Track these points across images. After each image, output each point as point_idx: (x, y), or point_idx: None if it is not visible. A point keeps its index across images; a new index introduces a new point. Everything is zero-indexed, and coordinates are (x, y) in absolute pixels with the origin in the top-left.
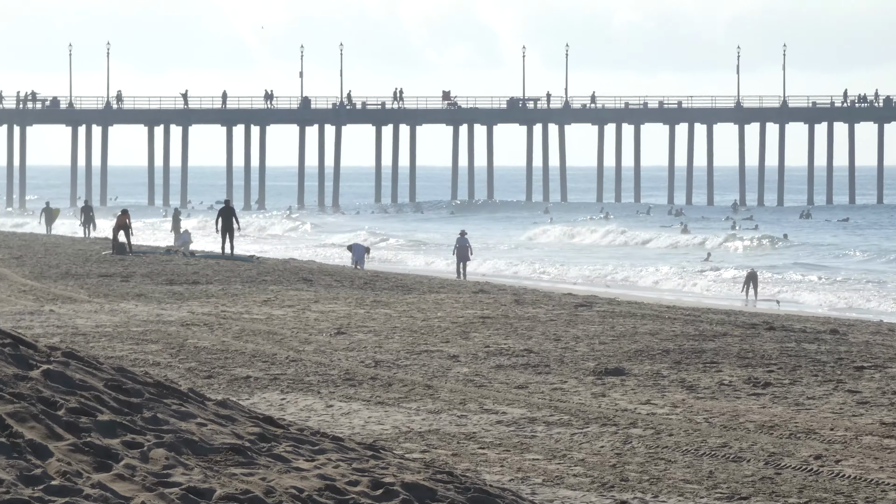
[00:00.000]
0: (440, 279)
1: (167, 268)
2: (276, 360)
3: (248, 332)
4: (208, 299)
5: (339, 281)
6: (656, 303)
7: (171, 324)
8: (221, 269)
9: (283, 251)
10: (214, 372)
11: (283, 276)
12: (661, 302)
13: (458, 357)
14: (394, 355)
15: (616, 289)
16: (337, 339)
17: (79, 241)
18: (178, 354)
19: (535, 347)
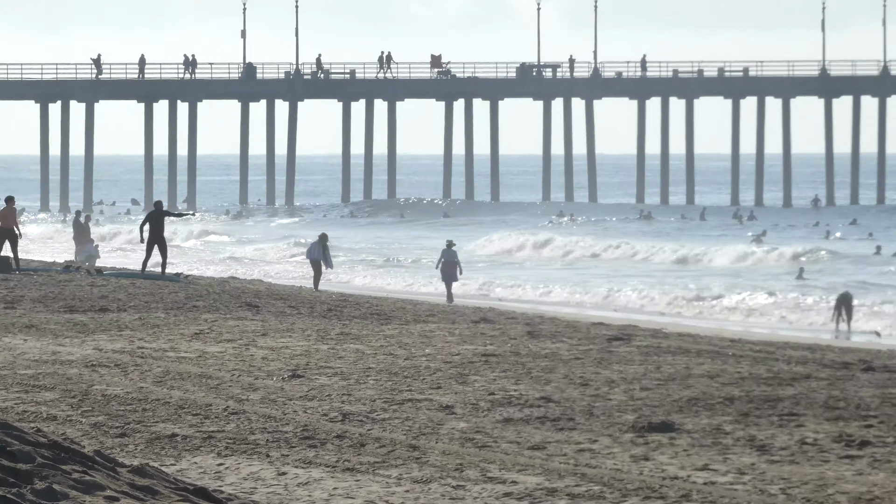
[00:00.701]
0: (428, 304)
1: (66, 290)
2: (212, 412)
3: (174, 376)
4: (121, 332)
5: (295, 307)
6: (716, 334)
7: (72, 364)
8: (138, 291)
9: (222, 269)
10: (129, 429)
11: (221, 300)
12: (721, 333)
13: (452, 408)
14: (367, 406)
15: (662, 317)
16: (292, 384)
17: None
18: (80, 405)
19: (555, 395)
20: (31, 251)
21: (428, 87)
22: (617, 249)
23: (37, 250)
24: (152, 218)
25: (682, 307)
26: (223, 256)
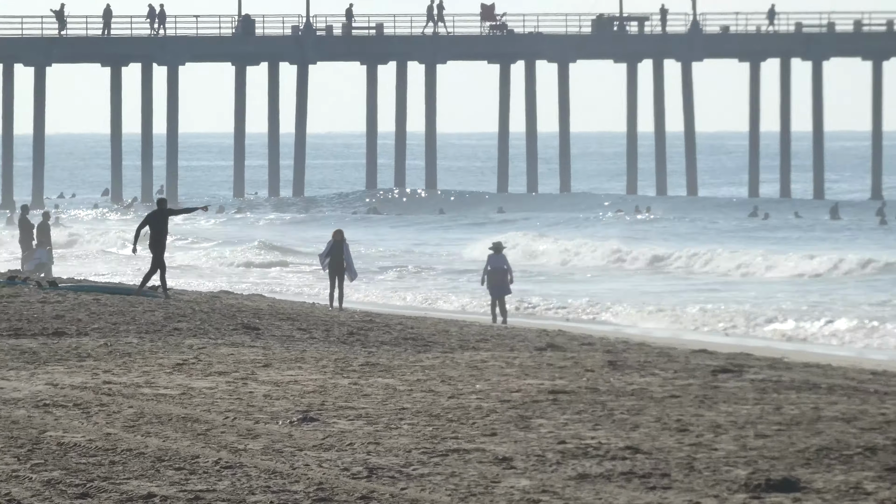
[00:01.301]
0: (479, 326)
1: (10, 308)
2: (199, 466)
3: (151, 419)
4: (81, 362)
5: (307, 330)
6: (853, 365)
7: (18, 404)
8: (103, 310)
9: (212, 280)
10: (93, 487)
11: (210, 321)
12: (860, 364)
13: (511, 461)
14: (401, 458)
15: (784, 342)
16: (303, 429)
17: None
18: (29, 457)
19: (644, 444)
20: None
21: (477, 45)
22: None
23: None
24: (154, 220)
25: (809, 331)
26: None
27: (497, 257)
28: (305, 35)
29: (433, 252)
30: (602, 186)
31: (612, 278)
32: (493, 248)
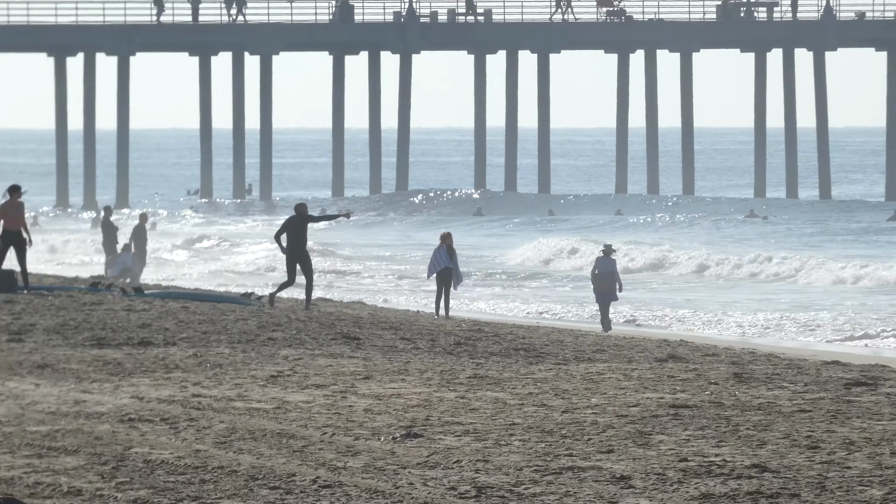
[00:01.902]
0: (595, 336)
1: (93, 316)
2: (296, 485)
3: (243, 434)
4: (169, 374)
5: (410, 340)
6: None
7: (102, 419)
8: (192, 318)
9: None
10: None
11: (307, 330)
12: None
13: (629, 479)
14: (511, 476)
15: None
16: (406, 446)
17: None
18: (114, 475)
19: (772, 462)
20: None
21: (594, 33)
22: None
23: (54, 262)
24: (292, 226)
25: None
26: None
27: (605, 261)
28: (408, 22)
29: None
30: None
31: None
32: (603, 250)
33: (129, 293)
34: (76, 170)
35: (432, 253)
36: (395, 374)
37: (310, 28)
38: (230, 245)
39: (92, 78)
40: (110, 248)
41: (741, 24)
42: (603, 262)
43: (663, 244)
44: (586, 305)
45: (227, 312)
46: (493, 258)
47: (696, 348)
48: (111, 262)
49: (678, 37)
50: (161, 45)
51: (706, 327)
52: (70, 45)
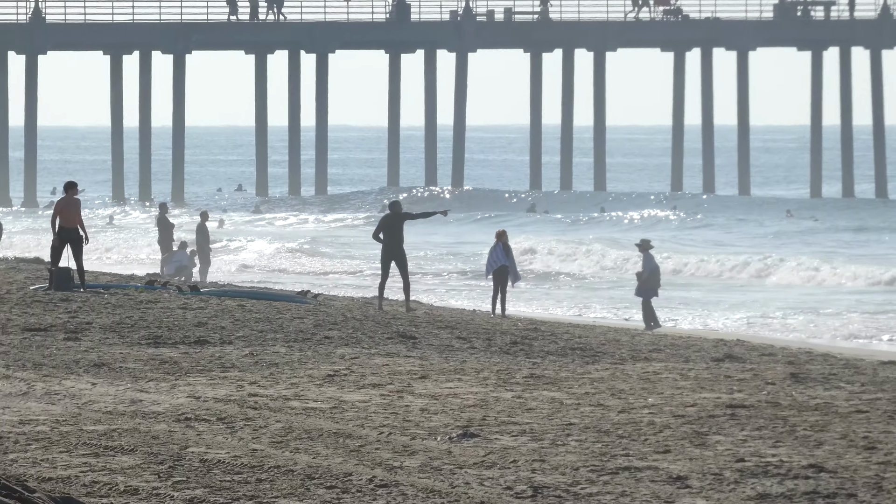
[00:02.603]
0: (651, 335)
1: (149, 315)
2: (352, 484)
3: (300, 434)
4: (225, 373)
5: (467, 339)
6: None
7: (159, 418)
8: (248, 316)
9: (343, 283)
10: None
11: (363, 329)
12: None
13: (686, 479)
14: (568, 476)
15: None
16: (463, 446)
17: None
18: (170, 474)
19: (829, 462)
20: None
21: (650, 32)
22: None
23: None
24: (389, 223)
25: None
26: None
27: (649, 257)
28: (465, 21)
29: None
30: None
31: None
32: (641, 244)
33: (186, 291)
34: (132, 166)
35: (489, 251)
36: (451, 374)
37: (366, 26)
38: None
39: (148, 76)
40: (166, 246)
41: (798, 23)
42: (648, 259)
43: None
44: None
45: (284, 311)
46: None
47: (752, 348)
48: (167, 259)
49: (735, 35)
50: (217, 44)
51: (763, 328)
52: (126, 44)
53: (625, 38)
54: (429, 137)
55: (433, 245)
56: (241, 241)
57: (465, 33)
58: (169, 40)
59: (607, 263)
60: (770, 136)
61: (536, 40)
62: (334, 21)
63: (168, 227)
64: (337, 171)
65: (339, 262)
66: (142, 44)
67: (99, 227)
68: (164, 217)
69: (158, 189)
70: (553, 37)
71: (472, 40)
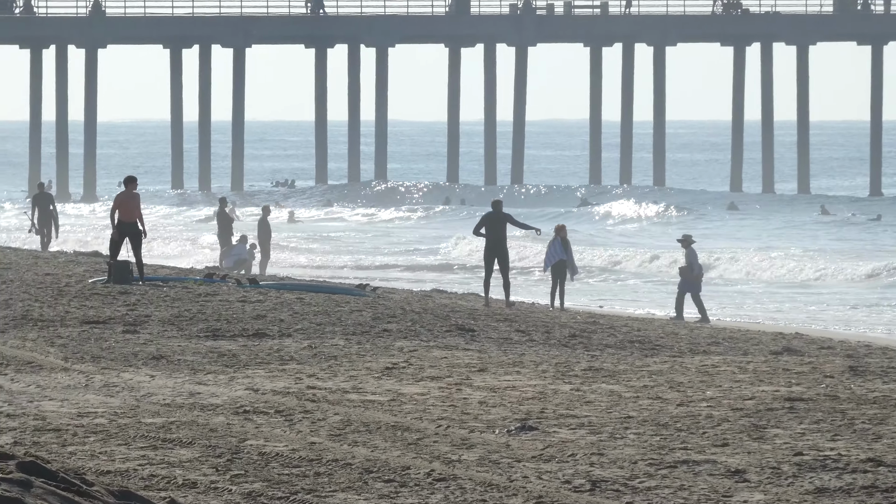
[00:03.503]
0: (710, 328)
1: (208, 308)
2: (410, 477)
3: (358, 427)
4: (284, 365)
5: (525, 332)
6: None
7: (217, 410)
8: (307, 309)
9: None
10: (296, 501)
11: (422, 322)
12: None
13: (744, 473)
14: (626, 470)
15: None
16: (521, 439)
17: (43, 259)
18: (228, 468)
19: (887, 456)
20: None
21: (709, 26)
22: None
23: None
24: (491, 221)
25: None
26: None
27: (692, 252)
28: (525, 14)
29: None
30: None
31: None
32: (683, 240)
33: (244, 284)
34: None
35: (547, 245)
36: (509, 367)
37: (426, 20)
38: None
39: (207, 69)
40: (225, 240)
41: (858, 17)
42: (690, 255)
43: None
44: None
45: (342, 304)
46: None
47: (811, 341)
48: (226, 253)
49: (794, 29)
50: (277, 38)
51: (822, 321)
52: (186, 37)
53: (684, 32)
54: (488, 133)
55: None
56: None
57: (525, 27)
58: (229, 34)
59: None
60: (825, 131)
61: (596, 34)
62: (394, 15)
63: (227, 221)
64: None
65: (395, 257)
66: (202, 37)
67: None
68: (223, 211)
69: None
70: (613, 31)
71: (531, 34)
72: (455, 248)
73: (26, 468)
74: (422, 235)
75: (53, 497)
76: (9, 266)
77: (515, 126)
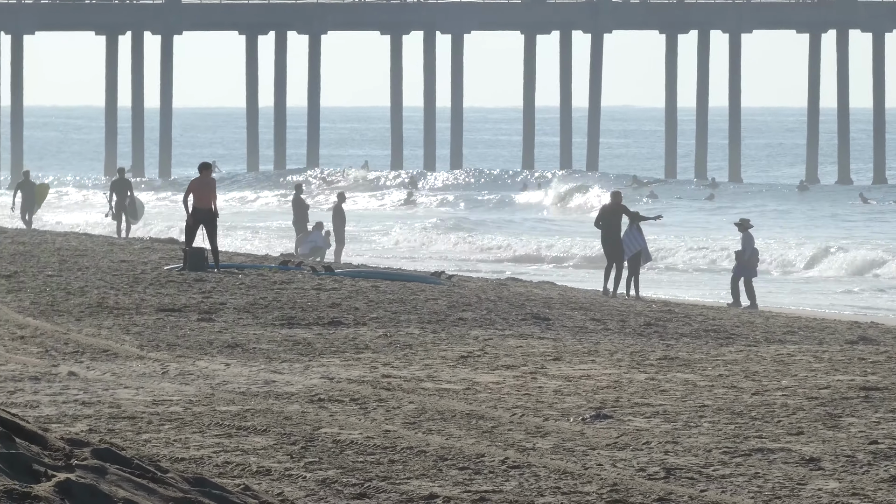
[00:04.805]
0: (785, 317)
1: (283, 296)
2: (485, 465)
3: (433, 415)
4: (359, 354)
5: (600, 321)
6: None
7: (292, 399)
8: (382, 298)
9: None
10: (370, 488)
11: (497, 310)
12: None
13: (819, 461)
14: (701, 458)
15: None
16: (595, 427)
17: (119, 245)
18: (303, 455)
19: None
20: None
21: (785, 13)
22: None
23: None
24: (607, 214)
25: None
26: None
27: (748, 237)
28: (601, 1)
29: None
30: None
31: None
32: (740, 224)
33: (320, 272)
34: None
35: (623, 234)
36: (584, 355)
37: (502, 7)
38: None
39: (283, 56)
40: (300, 227)
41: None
42: (746, 239)
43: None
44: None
45: (417, 292)
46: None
47: (887, 330)
48: (301, 240)
49: (871, 16)
50: (353, 24)
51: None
52: (262, 24)
53: (760, 19)
54: (564, 119)
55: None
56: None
57: (601, 14)
58: (305, 20)
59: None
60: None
61: (672, 21)
62: (470, 1)
63: (303, 208)
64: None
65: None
66: (278, 24)
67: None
68: (298, 198)
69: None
70: (688, 18)
71: (607, 21)
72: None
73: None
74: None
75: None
76: (84, 253)
77: (591, 112)
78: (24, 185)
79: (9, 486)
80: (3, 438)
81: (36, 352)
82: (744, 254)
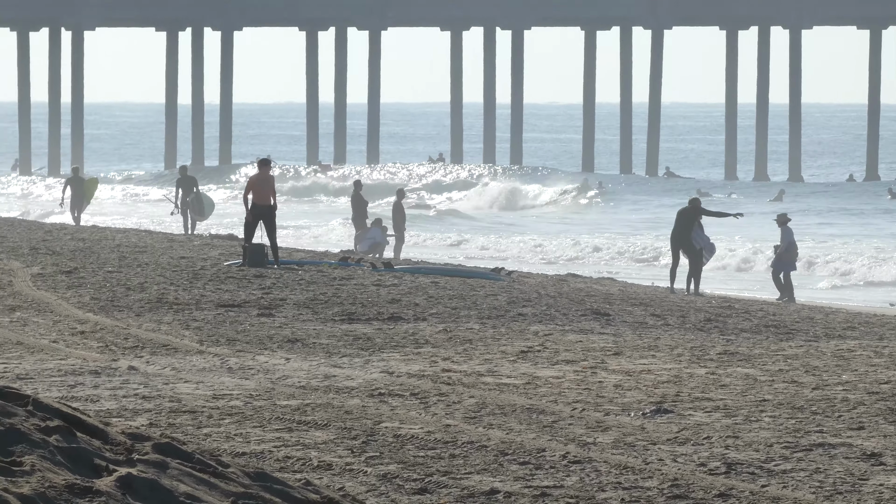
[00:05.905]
0: (846, 313)
1: (343, 292)
2: (545, 460)
3: (493, 410)
4: (419, 349)
5: (660, 316)
6: None
7: (352, 393)
8: (442, 293)
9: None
10: (431, 483)
11: (557, 306)
12: None
13: (880, 456)
14: (762, 453)
15: None
16: (656, 422)
17: (179, 242)
18: (364, 449)
19: None
20: (293, 239)
21: (847, 7)
22: None
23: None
24: (680, 214)
25: None
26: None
27: (787, 230)
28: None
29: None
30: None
31: None
32: (778, 220)
33: (379, 268)
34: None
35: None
36: (644, 350)
37: (561, 2)
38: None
39: (344, 51)
40: (360, 223)
41: None
42: (786, 233)
43: None
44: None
45: (477, 288)
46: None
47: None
48: (360, 236)
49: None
50: (413, 20)
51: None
52: (322, 20)
53: (820, 14)
54: (624, 116)
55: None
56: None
57: (661, 9)
58: (365, 15)
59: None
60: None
61: (733, 17)
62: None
63: (362, 204)
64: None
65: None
66: (338, 19)
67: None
68: (357, 194)
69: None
70: (748, 12)
71: (667, 17)
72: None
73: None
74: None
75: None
76: (144, 249)
77: (651, 109)
78: (74, 182)
79: (70, 480)
80: (64, 433)
81: (96, 346)
82: (782, 248)
